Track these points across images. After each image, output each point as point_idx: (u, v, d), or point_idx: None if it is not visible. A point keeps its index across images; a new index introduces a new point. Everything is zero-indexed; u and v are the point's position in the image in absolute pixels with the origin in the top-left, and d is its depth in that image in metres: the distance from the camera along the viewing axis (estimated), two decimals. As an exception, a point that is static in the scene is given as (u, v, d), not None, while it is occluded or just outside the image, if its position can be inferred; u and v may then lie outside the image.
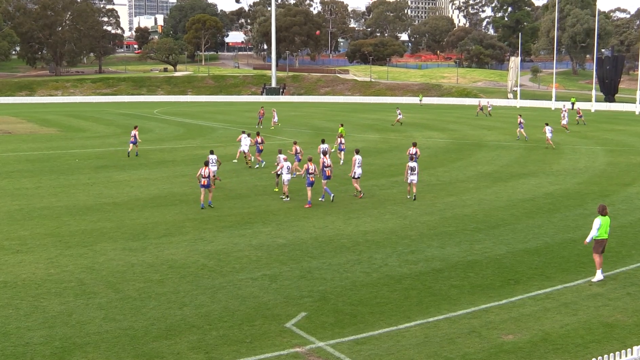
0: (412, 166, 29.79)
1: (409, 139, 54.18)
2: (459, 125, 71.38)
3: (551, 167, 40.35)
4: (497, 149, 49.39)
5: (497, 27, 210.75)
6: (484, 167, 40.42)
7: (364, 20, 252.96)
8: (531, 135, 55.66)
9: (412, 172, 29.81)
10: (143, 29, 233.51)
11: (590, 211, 26.61)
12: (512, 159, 44.11)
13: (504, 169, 39.39)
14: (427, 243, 22.44)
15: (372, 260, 20.32)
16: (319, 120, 76.84)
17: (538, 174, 37.44)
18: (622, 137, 59.06)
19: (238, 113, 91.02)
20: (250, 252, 21.16)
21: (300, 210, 27.64)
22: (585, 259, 20.12)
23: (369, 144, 50.98)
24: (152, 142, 49.24)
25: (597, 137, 58.21)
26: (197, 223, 25.20)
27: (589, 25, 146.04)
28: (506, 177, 36.59)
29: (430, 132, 62.54)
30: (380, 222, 25.53)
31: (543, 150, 47.96)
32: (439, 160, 42.73)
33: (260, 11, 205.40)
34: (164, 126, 69.07)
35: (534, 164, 41.32)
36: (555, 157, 44.81)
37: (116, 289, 17.64)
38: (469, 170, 39.00)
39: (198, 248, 21.66)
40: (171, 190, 32.11)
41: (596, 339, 14.46)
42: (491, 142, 54.12)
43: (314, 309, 16.19)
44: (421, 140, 52.81)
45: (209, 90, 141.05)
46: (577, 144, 52.95)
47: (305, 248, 21.74)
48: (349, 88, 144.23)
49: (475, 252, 21.30)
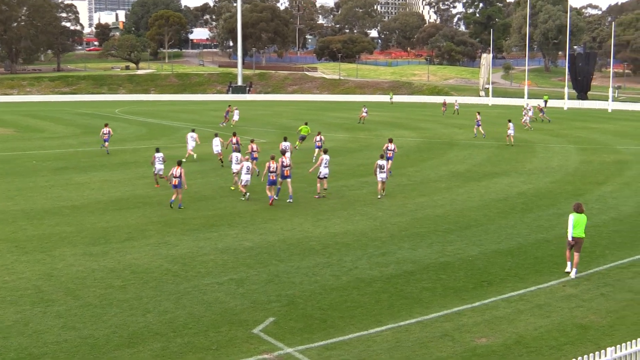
0: (381, 164, 30.03)
1: (379, 138, 54.35)
2: (430, 123, 71.81)
3: (524, 166, 40.73)
4: (469, 147, 49.74)
5: (469, 23, 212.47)
6: (455, 166, 40.67)
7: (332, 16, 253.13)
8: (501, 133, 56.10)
9: (382, 170, 30.03)
10: (104, 25, 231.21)
11: (564, 211, 26.88)
12: (484, 158, 44.45)
13: (476, 168, 39.67)
14: (398, 245, 22.49)
15: (342, 263, 20.31)
16: (286, 119, 76.77)
17: (511, 173, 37.76)
18: (595, 135, 59.85)
19: (203, 112, 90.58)
20: (216, 256, 21.03)
21: (268, 212, 27.56)
22: (559, 260, 20.31)
23: (338, 144, 51.05)
24: (114, 143, 48.77)
25: (570, 135, 58.91)
26: (160, 226, 25.00)
27: (561, 22, 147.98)
28: (478, 176, 36.84)
29: (401, 130, 62.79)
30: (350, 224, 25.54)
31: (515, 149, 48.40)
32: (410, 160, 42.91)
33: (226, 7, 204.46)
34: (126, 126, 68.49)
35: (507, 163, 41.68)
36: (528, 156, 45.24)
37: (76, 295, 17.40)
38: (440, 170, 39.21)
39: (162, 252, 21.48)
40: (133, 193, 31.83)
41: (570, 341, 14.59)
42: (463, 140, 54.50)
43: (282, 314, 16.13)
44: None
45: (173, 89, 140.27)
46: (550, 142, 53.53)
47: (272, 251, 21.66)
48: (317, 86, 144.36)
49: (448, 254, 21.39)
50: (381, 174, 30.07)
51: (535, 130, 63.13)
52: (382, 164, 30.09)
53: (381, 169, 30.05)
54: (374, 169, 30.62)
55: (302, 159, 41.80)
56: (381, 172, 30.05)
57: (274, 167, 28.70)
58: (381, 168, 30.05)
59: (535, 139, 55.09)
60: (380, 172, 30.04)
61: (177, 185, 27.87)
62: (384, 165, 30.13)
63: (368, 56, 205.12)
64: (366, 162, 40.96)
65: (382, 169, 30.08)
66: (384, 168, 30.12)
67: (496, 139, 53.96)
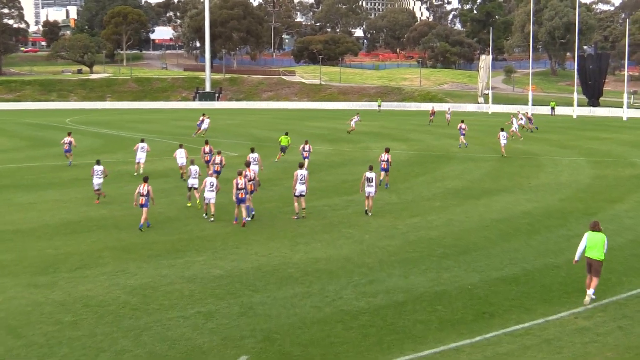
0: (370, 176, 30.15)
1: (365, 151, 54.45)
2: (422, 134, 72.08)
3: (529, 181, 40.92)
4: (466, 161, 49.95)
5: (465, 21, 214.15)
6: (451, 182, 40.79)
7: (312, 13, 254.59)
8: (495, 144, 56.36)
9: (370, 183, 30.10)
10: (52, 23, 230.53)
11: (575, 232, 26.99)
12: (484, 172, 44.64)
13: (475, 185, 39.80)
14: (387, 272, 22.46)
15: (324, 293, 20.24)
16: (260, 130, 76.80)
17: (514, 190, 37.91)
18: (608, 146, 60.31)
19: (166, 122, 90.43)
20: (182, 286, 20.90)
21: (240, 235, 27.47)
22: (570, 288, 20.36)
23: (319, 157, 51.05)
24: (64, 157, 48.46)
25: (581, 147, 59.31)
26: (118, 252, 24.83)
27: (569, 19, 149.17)
28: (477, 193, 36.96)
29: (390, 142, 62.87)
30: (333, 248, 25.50)
31: (519, 162, 48.67)
32: (401, 175, 42.99)
33: (192, 3, 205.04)
34: (79, 138, 67.89)
35: (509, 179, 41.86)
36: (534, 170, 45.48)
37: (18, 334, 17.21)
38: (434, 187, 39.30)
39: (119, 282, 21.31)
40: (87, 214, 31.62)
41: (583, 381, 14.60)
42: (459, 153, 54.71)
43: (257, 352, 16.03)
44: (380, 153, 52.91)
45: (132, 96, 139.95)
46: (558, 154, 53.87)
47: (246, 280, 21.57)
48: (295, 92, 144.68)
49: (444, 282, 21.38)
50: (369, 187, 30.17)
51: (538, 140, 63.54)
52: (371, 177, 30.20)
53: (369, 182, 30.13)
54: (360, 183, 30.66)
55: (280, 174, 41.79)
56: (369, 185, 30.14)
57: (242, 183, 28.72)
58: (369, 181, 30.14)
59: (540, 151, 55.42)
60: (368, 185, 30.14)
61: (145, 204, 27.84)
62: (372, 178, 30.23)
63: (353, 58, 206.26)
64: (351, 178, 40.98)
65: (371, 182, 30.16)
66: (372, 181, 30.22)
67: (496, 151, 54.21)
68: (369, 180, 30.22)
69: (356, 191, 33.47)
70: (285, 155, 47.83)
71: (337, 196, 36.13)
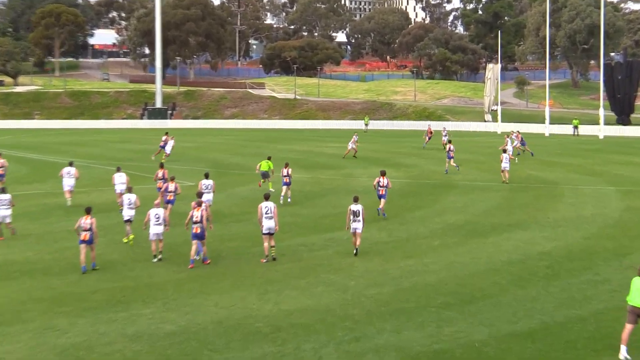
0: (355, 210, 30.23)
1: (348, 179, 54.47)
2: (418, 158, 72.27)
3: (547, 215, 40.97)
4: (471, 190, 50.00)
5: (468, 23, 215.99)
6: (453, 216, 40.78)
7: (285, 14, 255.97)
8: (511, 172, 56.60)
9: (356, 218, 30.13)
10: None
11: (603, 276, 26.98)
12: (493, 204, 44.67)
13: (482, 219, 39.80)
14: (377, 326, 22.33)
15: (300, 353, 20.08)
16: (223, 154, 76.73)
17: (529, 226, 37.93)
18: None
19: (107, 144, 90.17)
20: (124, 346, 20.67)
21: (197, 281, 27.26)
22: (600, 345, 20.27)
23: (293, 186, 50.94)
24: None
25: (608, 173, 59.55)
26: (46, 305, 24.55)
27: (593, 21, 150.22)
28: (485, 230, 36.95)
29: (378, 168, 62.85)
30: (311, 298, 25.35)
31: (534, 192, 48.78)
32: (393, 208, 42.94)
33: (140, 1, 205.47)
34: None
35: (523, 212, 41.90)
36: (552, 201, 45.57)
37: None
38: (433, 222, 39.28)
39: (47, 341, 21.05)
40: (7, 258, 31.32)
41: None
42: (462, 181, 54.78)
43: None
44: (366, 181, 53.06)
45: (66, 113, 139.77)
46: (581, 182, 54.04)
47: (203, 337, 21.36)
48: (264, 108, 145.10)
49: (445, 338, 21.26)
50: (355, 222, 30.23)
51: (556, 165, 63.75)
52: (357, 210, 30.27)
53: (355, 215, 30.18)
54: (346, 218, 30.62)
55: (248, 207, 41.68)
56: (355, 220, 30.17)
57: (198, 216, 28.66)
58: (355, 215, 30.20)
59: (559, 178, 55.60)
60: (355, 220, 30.17)
61: (89, 240, 27.73)
62: (359, 212, 30.32)
63: (334, 68, 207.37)
64: (332, 212, 40.93)
65: (357, 216, 30.20)
66: (359, 215, 30.32)
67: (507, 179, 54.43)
68: (355, 214, 30.24)
69: (338, 228, 33.40)
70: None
71: (315, 234, 36.01)
